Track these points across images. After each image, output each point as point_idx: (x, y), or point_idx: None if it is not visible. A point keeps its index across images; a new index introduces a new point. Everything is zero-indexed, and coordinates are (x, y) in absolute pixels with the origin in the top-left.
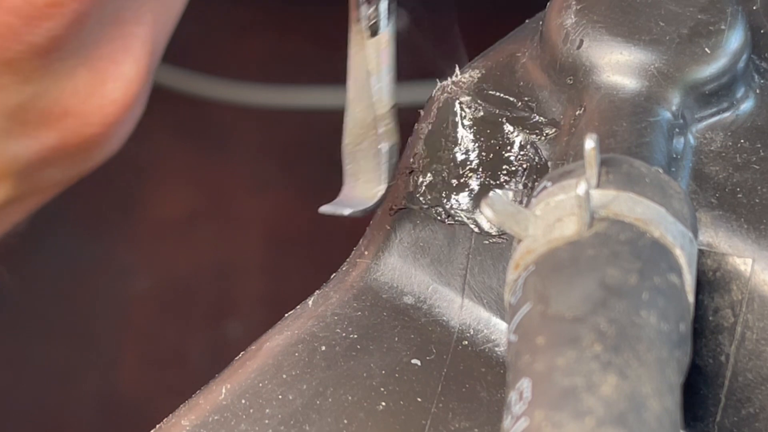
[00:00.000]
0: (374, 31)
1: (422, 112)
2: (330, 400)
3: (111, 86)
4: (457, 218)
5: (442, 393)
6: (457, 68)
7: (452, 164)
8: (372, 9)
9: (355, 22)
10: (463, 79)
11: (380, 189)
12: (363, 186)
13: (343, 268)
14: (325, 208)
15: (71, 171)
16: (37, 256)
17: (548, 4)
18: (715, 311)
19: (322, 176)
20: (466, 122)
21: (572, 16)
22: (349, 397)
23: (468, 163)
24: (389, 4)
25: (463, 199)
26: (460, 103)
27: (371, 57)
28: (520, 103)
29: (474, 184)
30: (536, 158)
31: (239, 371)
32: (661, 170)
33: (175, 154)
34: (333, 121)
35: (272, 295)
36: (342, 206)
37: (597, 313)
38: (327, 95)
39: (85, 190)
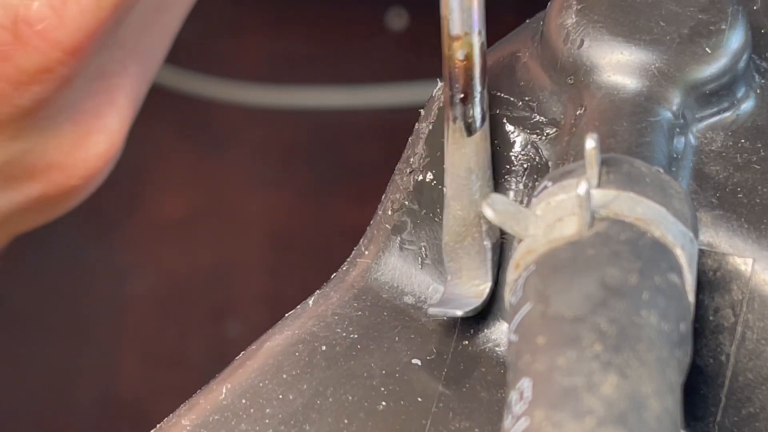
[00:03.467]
0: (471, 130)
1: (422, 112)
2: (330, 399)
3: (95, 139)
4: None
5: (443, 393)
6: None
7: None
8: (468, 108)
9: (451, 121)
10: None
11: (487, 286)
12: (468, 284)
13: (343, 268)
14: (435, 310)
15: (47, 217)
16: (37, 256)
17: (549, 4)
18: (715, 311)
19: (322, 176)
20: None
21: (573, 16)
22: (350, 397)
23: None
24: (482, 104)
25: None
26: None
27: (470, 155)
28: (520, 103)
29: None
30: (537, 158)
31: (239, 371)
32: (661, 170)
33: (174, 154)
34: (333, 121)
35: (272, 295)
36: (452, 306)
37: (597, 313)
38: (327, 95)
39: None
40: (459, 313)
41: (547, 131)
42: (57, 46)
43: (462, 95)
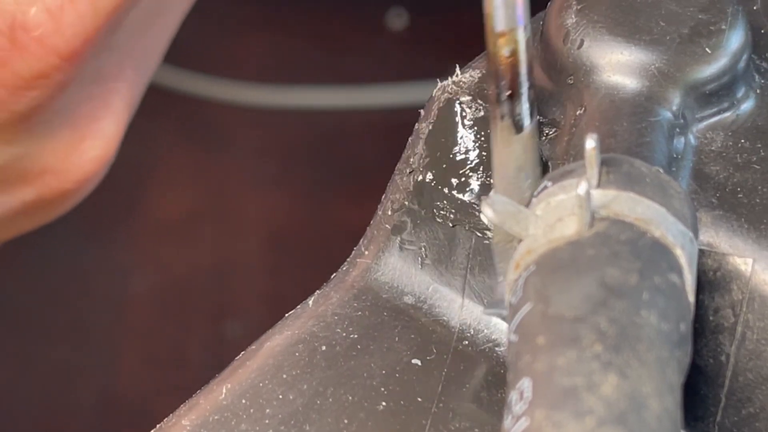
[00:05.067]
0: (519, 127)
1: (422, 112)
2: (330, 399)
3: (90, 143)
4: (457, 218)
5: (443, 393)
6: (457, 68)
7: (453, 164)
8: (516, 105)
9: (498, 119)
10: (463, 79)
11: None
12: None
13: (343, 268)
14: (490, 311)
15: (41, 220)
16: (37, 256)
17: (548, 4)
18: (715, 311)
19: (322, 176)
20: (466, 122)
21: (573, 16)
22: (350, 397)
23: (468, 162)
24: (530, 100)
25: (463, 198)
26: (461, 103)
27: (519, 153)
28: None
29: (474, 183)
30: None
31: (239, 371)
32: (661, 170)
33: (174, 154)
34: (333, 121)
35: (272, 295)
36: (505, 306)
37: (597, 313)
38: (327, 95)
39: None
40: None
41: (547, 131)
42: (54, 51)
43: (509, 92)
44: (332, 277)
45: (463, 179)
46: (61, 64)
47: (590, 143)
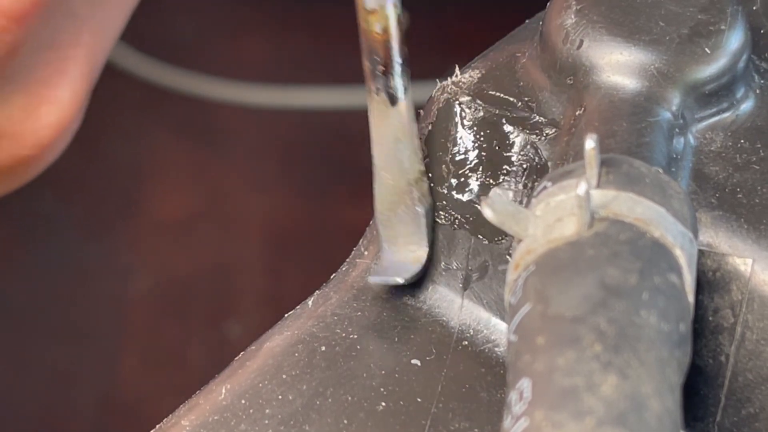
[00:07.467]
0: (394, 100)
1: (422, 112)
2: (330, 400)
3: (46, 110)
4: (456, 218)
5: (442, 393)
6: (457, 68)
7: (452, 164)
8: (389, 79)
9: (374, 94)
10: (463, 79)
11: (424, 252)
12: (405, 250)
13: (343, 268)
14: (375, 279)
15: (4, 188)
16: (37, 256)
17: (548, 4)
18: (715, 311)
19: (322, 176)
20: (466, 122)
21: (572, 17)
22: (349, 398)
23: (468, 163)
24: (403, 75)
25: (463, 198)
26: (460, 103)
27: (396, 125)
28: (520, 103)
29: (474, 184)
30: (536, 158)
31: (239, 371)
32: (661, 170)
33: (174, 154)
34: (333, 121)
35: (272, 295)
36: (391, 274)
37: (597, 313)
38: (327, 95)
39: (84, 190)
40: (400, 280)
41: (547, 131)
42: (1, 12)
43: (383, 68)
44: (332, 277)
45: (462, 179)
46: (8, 24)
47: (590, 143)
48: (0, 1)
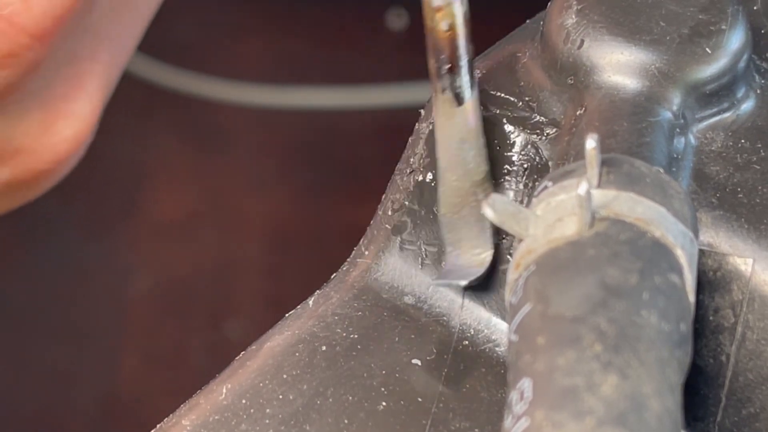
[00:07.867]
0: (460, 100)
1: (422, 112)
2: (330, 400)
3: (63, 124)
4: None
5: (443, 393)
6: None
7: None
8: (455, 78)
9: (440, 93)
10: None
11: (488, 254)
12: (469, 253)
13: (343, 268)
14: (440, 282)
15: (17, 201)
16: (37, 256)
17: (549, 4)
18: (715, 311)
19: (322, 176)
20: None
21: (573, 16)
22: (350, 397)
23: None
24: (470, 73)
25: None
26: None
27: (461, 125)
28: (520, 103)
29: None
30: (537, 158)
31: (239, 371)
32: (661, 170)
33: (174, 154)
34: (333, 121)
35: (272, 295)
36: (456, 277)
37: (597, 313)
38: (327, 95)
39: (84, 191)
40: (463, 283)
41: (547, 131)
42: (23, 31)
43: (449, 66)
44: (332, 277)
45: None
46: (31, 43)
47: (590, 143)
48: (23, 19)
